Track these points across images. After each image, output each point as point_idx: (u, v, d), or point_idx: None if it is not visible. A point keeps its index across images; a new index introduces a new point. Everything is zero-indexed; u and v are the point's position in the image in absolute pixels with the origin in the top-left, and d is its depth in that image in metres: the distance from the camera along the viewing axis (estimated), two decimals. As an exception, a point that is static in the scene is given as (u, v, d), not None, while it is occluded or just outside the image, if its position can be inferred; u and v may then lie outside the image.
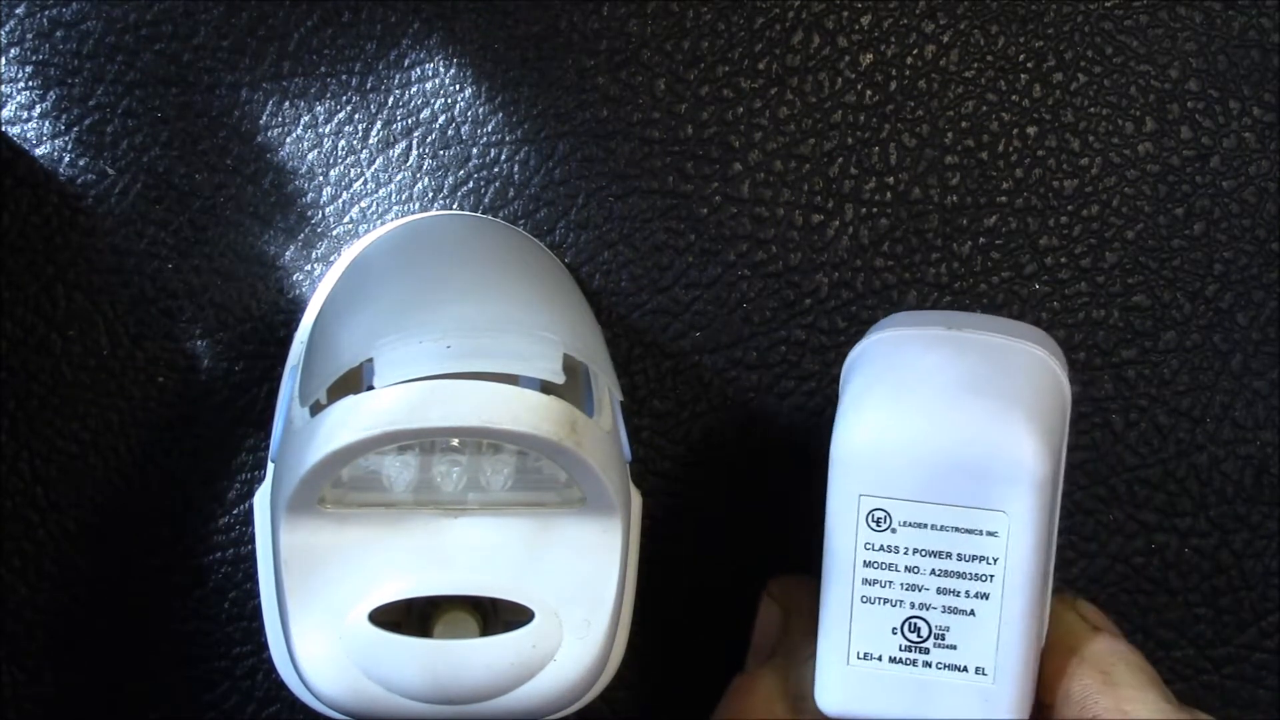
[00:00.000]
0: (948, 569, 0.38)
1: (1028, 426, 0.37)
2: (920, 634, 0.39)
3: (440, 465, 0.42)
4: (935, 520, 0.38)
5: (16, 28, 0.50)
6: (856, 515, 0.38)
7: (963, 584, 0.38)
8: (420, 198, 0.50)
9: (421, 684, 0.41)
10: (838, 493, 0.39)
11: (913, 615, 0.38)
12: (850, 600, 0.39)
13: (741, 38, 0.50)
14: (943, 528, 0.38)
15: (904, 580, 0.38)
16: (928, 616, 0.38)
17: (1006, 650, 0.38)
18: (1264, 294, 0.51)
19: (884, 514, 0.38)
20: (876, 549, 0.38)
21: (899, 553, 0.38)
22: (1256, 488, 0.51)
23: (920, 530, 0.38)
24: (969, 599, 0.38)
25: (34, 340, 0.50)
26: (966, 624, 0.38)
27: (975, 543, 0.38)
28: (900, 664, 0.39)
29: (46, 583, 0.50)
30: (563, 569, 0.41)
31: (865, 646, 0.39)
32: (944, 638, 0.38)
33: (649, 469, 0.51)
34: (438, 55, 0.50)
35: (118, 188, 0.50)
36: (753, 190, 0.50)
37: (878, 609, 0.39)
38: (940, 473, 0.37)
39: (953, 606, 0.38)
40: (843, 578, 0.39)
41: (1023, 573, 0.38)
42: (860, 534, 0.38)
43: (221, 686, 0.51)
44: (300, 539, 0.41)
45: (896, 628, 0.39)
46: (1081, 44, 0.50)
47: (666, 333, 0.51)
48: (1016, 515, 0.37)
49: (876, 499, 0.38)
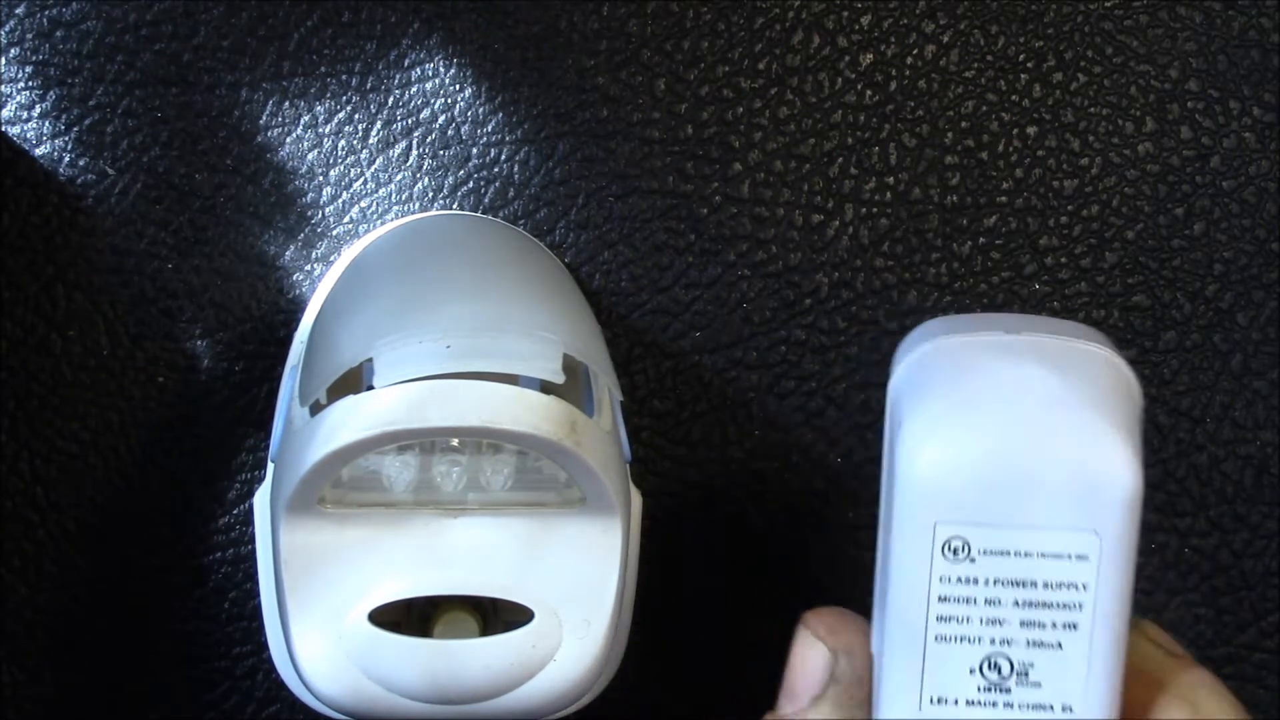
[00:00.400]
0: (1033, 599, 0.35)
1: (1118, 436, 0.34)
2: (1002, 672, 0.36)
3: (440, 465, 0.42)
4: (1019, 546, 0.34)
5: (16, 28, 0.50)
6: (930, 546, 0.35)
7: (1049, 614, 0.35)
8: (420, 198, 0.50)
9: (421, 684, 0.41)
10: (908, 523, 0.35)
11: (993, 652, 0.35)
12: (922, 640, 0.35)
13: (741, 38, 0.50)
14: (1027, 554, 0.34)
15: (984, 614, 0.35)
16: (1010, 652, 0.35)
17: (1095, 685, 0.35)
18: (1264, 294, 0.51)
19: (962, 543, 0.35)
20: (953, 582, 0.35)
21: (978, 584, 0.35)
22: (1256, 488, 0.51)
23: (1002, 558, 0.35)
24: (1055, 630, 0.35)
25: (34, 340, 0.50)
26: (1052, 658, 0.35)
27: (1063, 568, 0.35)
28: (979, 706, 0.35)
29: (46, 583, 0.50)
30: (562, 569, 0.41)
31: (940, 690, 0.36)
32: (1028, 675, 0.36)
33: (649, 469, 0.51)
34: (438, 55, 0.50)
35: (118, 188, 0.50)
36: (753, 190, 0.50)
37: (954, 648, 0.35)
38: (1025, 493, 0.34)
39: (1038, 640, 0.35)
40: (912, 616, 0.35)
41: (1114, 599, 0.35)
42: (935, 567, 0.35)
43: (221, 686, 0.51)
44: (300, 539, 0.41)
45: (975, 667, 0.35)
46: (1081, 44, 0.50)
47: (666, 333, 0.51)
48: (1109, 536, 0.34)
49: (954, 527, 0.34)
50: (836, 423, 0.51)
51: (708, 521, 0.51)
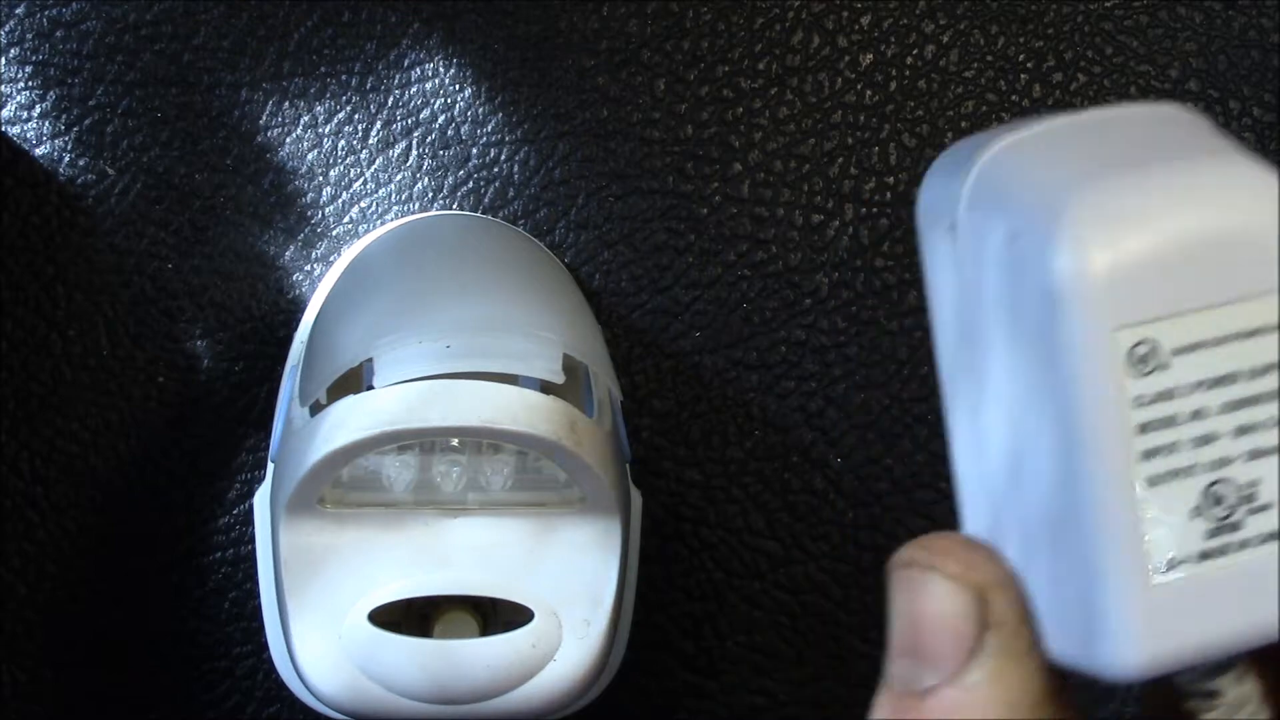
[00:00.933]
0: (1241, 396, 0.27)
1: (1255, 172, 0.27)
2: (1226, 503, 0.27)
3: (440, 465, 0.42)
4: (1212, 332, 0.27)
5: (16, 28, 0.50)
6: (1115, 360, 0.26)
7: (1263, 411, 0.27)
8: (420, 198, 0.50)
9: (421, 684, 0.41)
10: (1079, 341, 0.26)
11: (1214, 480, 0.27)
12: (1131, 489, 0.27)
13: (741, 38, 0.50)
14: (1223, 339, 0.27)
15: (1192, 433, 0.27)
16: (1230, 474, 0.27)
17: None
18: (1264, 294, 0.51)
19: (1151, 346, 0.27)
20: (1150, 400, 0.27)
21: (1178, 396, 0.27)
22: (1256, 488, 0.51)
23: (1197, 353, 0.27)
24: (1273, 429, 0.27)
25: (34, 340, 0.50)
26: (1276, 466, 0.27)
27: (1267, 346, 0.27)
28: (1210, 559, 0.27)
29: (46, 583, 0.50)
30: (562, 569, 0.41)
31: (1168, 549, 0.27)
32: (1253, 498, 0.27)
33: (649, 469, 0.51)
34: (438, 55, 0.50)
35: (118, 188, 0.50)
36: (753, 190, 0.50)
37: (1170, 489, 0.27)
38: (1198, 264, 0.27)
39: (1259, 449, 0.27)
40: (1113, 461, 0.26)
41: None
42: (1127, 386, 0.26)
43: (221, 686, 0.51)
44: (300, 539, 0.41)
45: (1197, 506, 0.27)
46: (1081, 44, 0.50)
47: (666, 333, 0.51)
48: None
49: (1137, 328, 0.26)
50: (836, 423, 0.51)
51: (708, 521, 0.51)
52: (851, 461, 0.51)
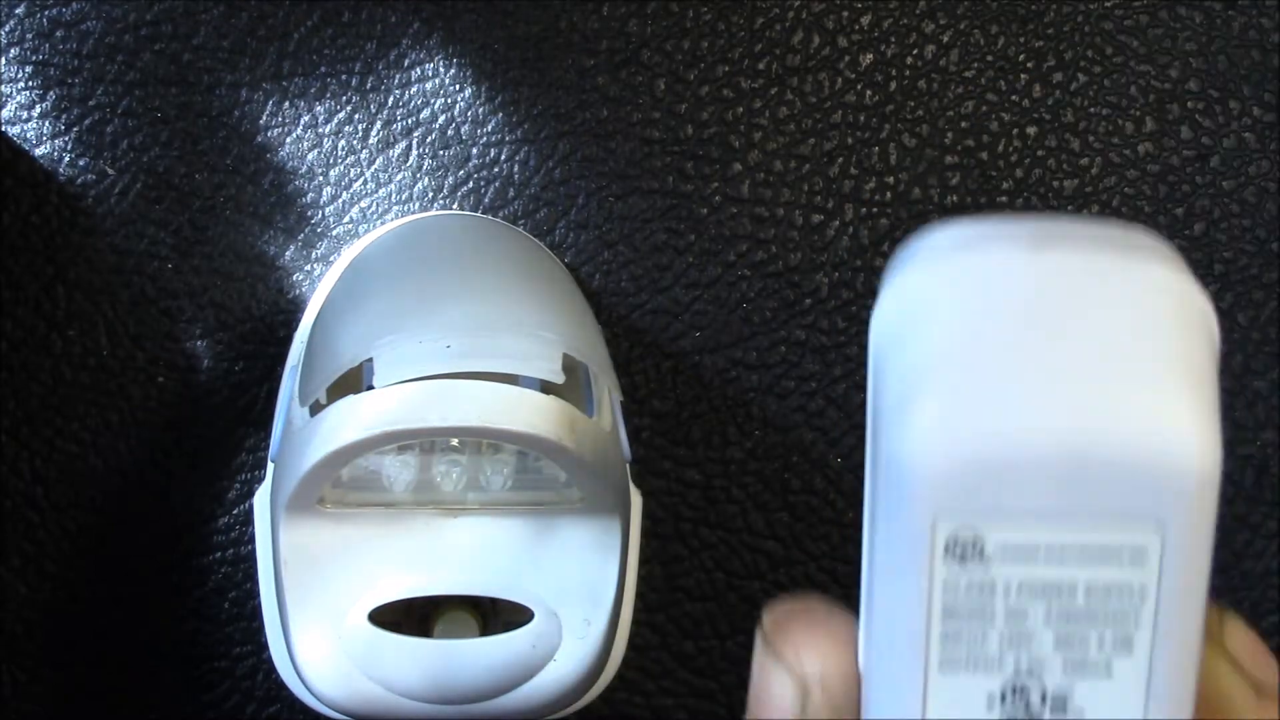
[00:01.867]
0: (1071, 610, 0.26)
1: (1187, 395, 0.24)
2: (1030, 705, 0.27)
3: (440, 465, 0.42)
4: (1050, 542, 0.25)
5: (16, 28, 0.50)
6: (929, 547, 0.25)
7: (1093, 630, 0.26)
8: (420, 198, 0.50)
9: (421, 684, 0.41)
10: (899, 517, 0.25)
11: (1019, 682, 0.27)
12: (922, 669, 0.26)
13: (741, 38, 0.50)
14: (1062, 554, 0.26)
15: (1006, 631, 0.26)
16: (1043, 680, 0.27)
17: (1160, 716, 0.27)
18: (1264, 294, 0.51)
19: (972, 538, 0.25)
20: (962, 591, 0.26)
21: (996, 593, 0.26)
22: (1256, 488, 0.51)
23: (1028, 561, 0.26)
24: (1103, 651, 0.26)
25: (34, 340, 0.50)
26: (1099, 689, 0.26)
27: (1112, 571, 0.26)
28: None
29: (46, 583, 0.50)
30: (562, 569, 0.41)
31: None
32: (1065, 706, 0.27)
33: (649, 469, 0.51)
34: (438, 55, 0.50)
35: (118, 188, 0.50)
36: (753, 190, 0.50)
37: (967, 675, 0.26)
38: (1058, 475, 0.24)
39: (1079, 662, 0.26)
40: (909, 637, 0.26)
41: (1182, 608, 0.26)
42: (936, 573, 0.26)
43: (221, 686, 0.51)
44: (300, 539, 0.41)
45: (995, 694, 0.27)
46: (1081, 44, 0.50)
47: (666, 333, 0.51)
48: (1176, 528, 0.25)
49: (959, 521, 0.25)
50: (836, 423, 0.51)
51: (708, 521, 0.51)
52: (851, 461, 0.51)
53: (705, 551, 0.51)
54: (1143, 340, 0.25)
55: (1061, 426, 0.24)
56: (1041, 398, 0.24)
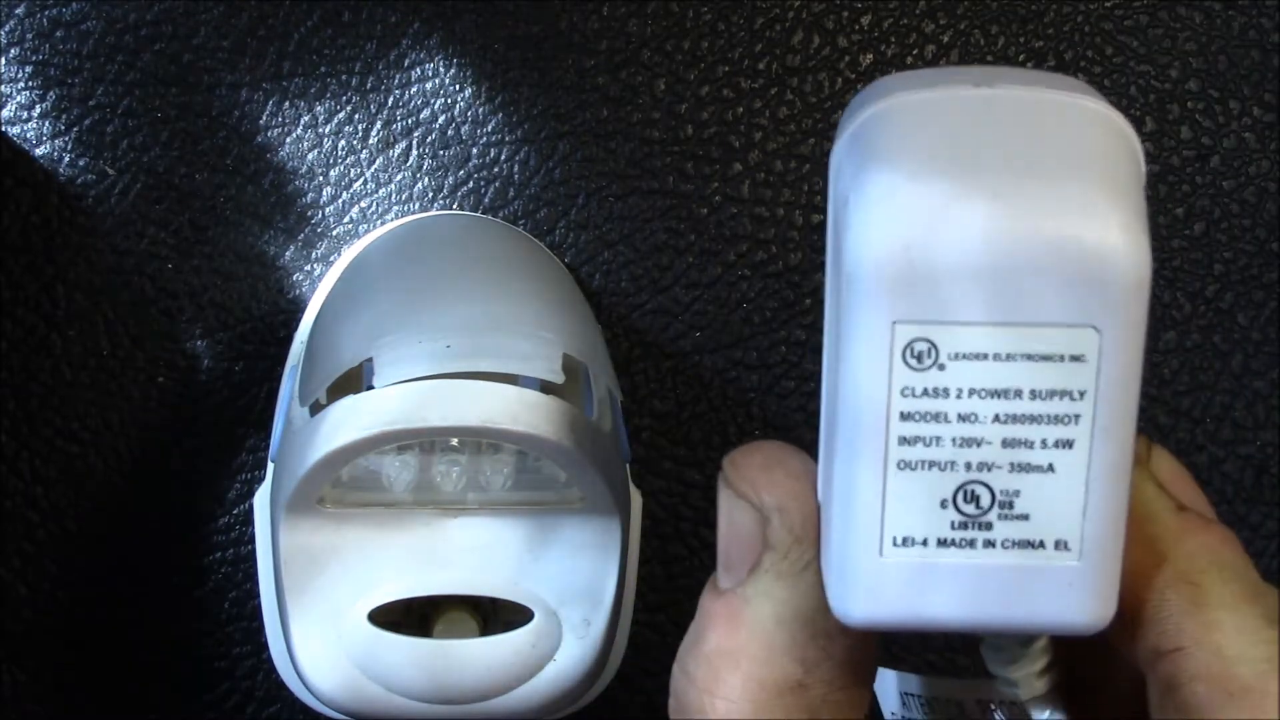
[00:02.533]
0: (1016, 412, 0.28)
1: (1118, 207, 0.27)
2: (980, 504, 0.29)
3: (440, 465, 0.42)
4: (999, 348, 0.28)
5: (16, 28, 0.50)
6: (889, 352, 0.28)
7: (1038, 430, 0.28)
8: (420, 198, 0.50)
9: (421, 684, 0.41)
10: (861, 324, 0.28)
11: (970, 480, 0.29)
12: (882, 469, 0.28)
13: (741, 38, 0.50)
14: (1009, 357, 0.28)
15: (957, 434, 0.28)
16: (990, 479, 0.29)
17: (1097, 516, 0.28)
18: (1264, 294, 0.51)
19: (927, 346, 0.28)
20: (918, 395, 0.28)
21: (949, 397, 0.28)
22: (1256, 488, 0.51)
23: (978, 363, 0.28)
24: (1047, 450, 0.28)
25: (34, 340, 0.50)
26: (1043, 484, 0.28)
27: (1055, 372, 0.28)
28: (953, 546, 0.29)
29: (46, 583, 0.50)
30: (562, 569, 0.41)
31: (905, 529, 0.29)
32: (1012, 505, 0.29)
33: (649, 469, 0.51)
34: (438, 55, 0.50)
35: (118, 188, 0.50)
36: (753, 190, 0.50)
37: (921, 476, 0.28)
38: (1005, 281, 0.27)
39: (1024, 463, 0.28)
40: (869, 440, 0.28)
41: (1120, 409, 0.28)
42: (895, 377, 0.28)
43: (221, 686, 0.51)
44: (300, 539, 0.41)
45: (947, 499, 0.29)
46: (1081, 44, 0.50)
47: (666, 333, 0.51)
48: (1111, 330, 0.27)
49: (917, 326, 0.27)
50: (836, 423, 0.51)
51: (708, 521, 0.51)
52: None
53: (705, 551, 0.51)
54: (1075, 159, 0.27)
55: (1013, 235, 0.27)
56: (997, 212, 0.27)
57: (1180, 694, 0.28)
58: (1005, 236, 0.27)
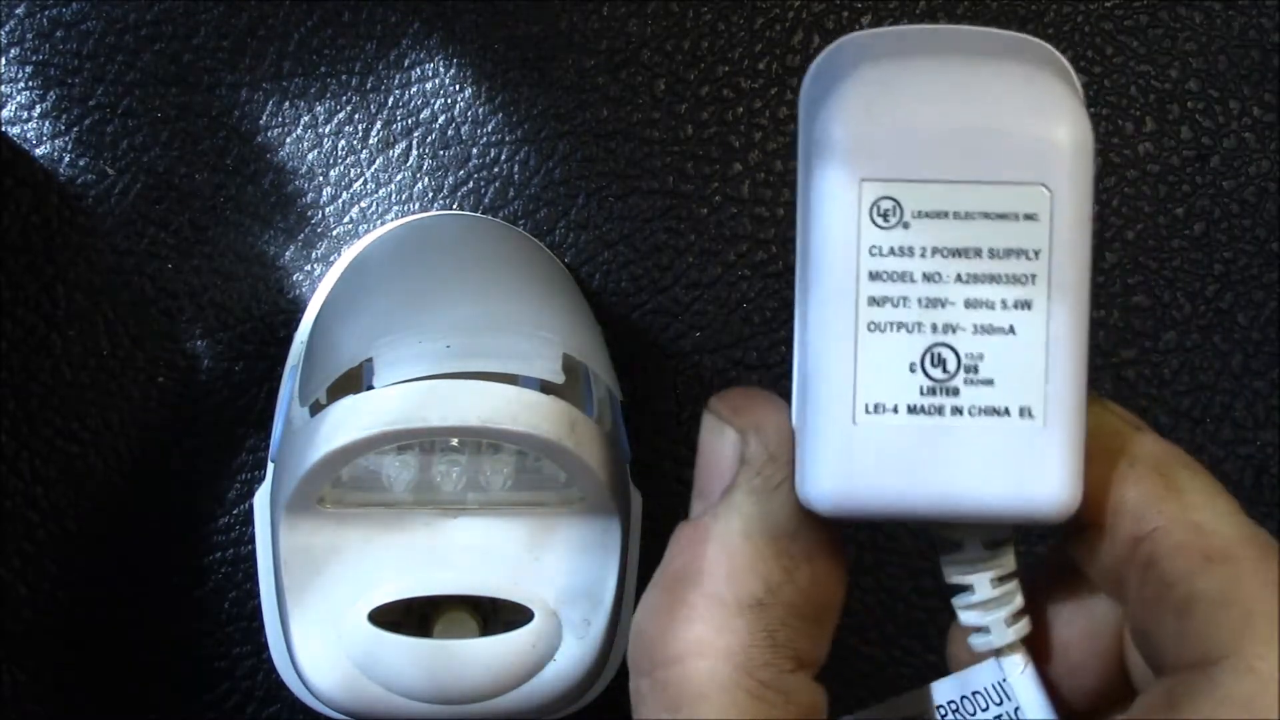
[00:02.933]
0: (977, 271, 0.29)
1: (1060, 82, 0.29)
2: (947, 367, 0.29)
3: (440, 465, 0.42)
4: (958, 206, 0.29)
5: (16, 28, 0.50)
6: (857, 209, 0.28)
7: (998, 291, 0.29)
8: (420, 198, 0.50)
9: (421, 684, 0.41)
10: (829, 182, 0.29)
11: (937, 343, 0.29)
12: (854, 330, 0.29)
13: (741, 38, 0.50)
14: (968, 215, 0.29)
15: (923, 294, 0.29)
16: (955, 342, 0.29)
17: (1059, 379, 0.29)
18: (1264, 294, 0.51)
19: (892, 204, 0.29)
20: (885, 253, 0.29)
21: (915, 255, 0.29)
22: (1256, 488, 0.51)
23: (940, 221, 0.29)
24: (1007, 311, 0.29)
25: (34, 340, 0.50)
26: (1005, 347, 0.29)
27: (1011, 230, 0.29)
28: (922, 414, 0.29)
29: (46, 583, 0.50)
30: (562, 569, 0.41)
31: (876, 394, 0.29)
32: (977, 370, 0.29)
33: (649, 469, 0.51)
34: (438, 55, 0.50)
35: (118, 188, 0.50)
36: (753, 190, 0.50)
37: (890, 338, 0.29)
38: (960, 142, 0.28)
39: (987, 324, 0.29)
40: (841, 300, 0.29)
41: (1073, 267, 0.29)
42: (863, 235, 0.29)
43: (221, 686, 0.51)
44: (300, 539, 0.41)
45: (915, 362, 0.29)
46: (1081, 44, 0.50)
47: (666, 333, 0.51)
48: (1061, 188, 0.28)
49: (882, 184, 0.28)
50: (836, 423, 0.50)
51: (708, 521, 0.51)
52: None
53: (705, 551, 0.51)
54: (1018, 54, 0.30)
55: (965, 100, 0.29)
56: (945, 84, 0.29)
57: (1159, 568, 0.29)
58: (961, 99, 0.29)
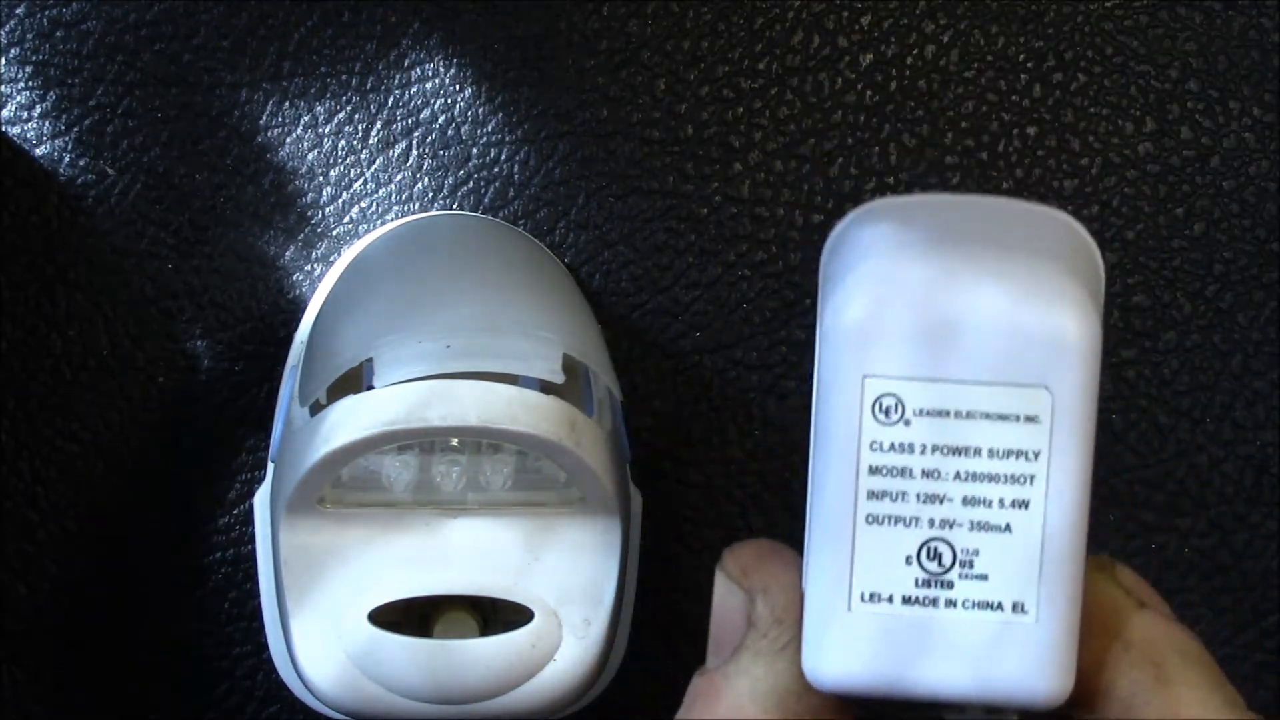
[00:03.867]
0: (976, 470, 0.30)
1: (1070, 281, 0.29)
2: (943, 561, 0.30)
3: (440, 465, 0.42)
4: (959, 405, 0.29)
5: (16, 28, 0.50)
6: (859, 405, 0.29)
7: (996, 489, 0.30)
8: (420, 198, 0.50)
9: (421, 684, 0.41)
10: (833, 378, 0.30)
11: (933, 537, 0.30)
12: (852, 522, 0.30)
13: (741, 38, 0.50)
14: (969, 415, 0.29)
15: (922, 489, 0.30)
16: (952, 537, 0.30)
17: (1053, 578, 0.30)
18: (1264, 294, 0.51)
19: (894, 401, 0.30)
20: (885, 449, 0.30)
21: (914, 452, 0.30)
22: (1256, 488, 0.51)
23: (940, 420, 0.29)
24: (1004, 509, 0.30)
25: (34, 340, 0.50)
26: (1001, 544, 0.30)
27: (1011, 432, 0.29)
28: (917, 605, 0.30)
29: (46, 583, 0.50)
30: (562, 569, 0.41)
31: (873, 584, 0.30)
32: (972, 565, 0.30)
33: (649, 469, 0.51)
34: (438, 55, 0.50)
35: (118, 188, 0.50)
36: (753, 190, 0.50)
37: (888, 531, 0.30)
38: (964, 343, 0.29)
39: (983, 521, 0.30)
40: (841, 492, 0.30)
41: (1072, 470, 0.29)
42: (864, 430, 0.30)
43: (221, 686, 0.51)
44: (300, 539, 0.41)
45: (912, 555, 0.30)
46: (1081, 44, 0.50)
47: (666, 333, 0.51)
48: (1063, 392, 0.29)
49: (884, 381, 0.29)
50: (836, 423, 0.51)
51: (708, 521, 0.51)
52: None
53: (705, 552, 0.51)
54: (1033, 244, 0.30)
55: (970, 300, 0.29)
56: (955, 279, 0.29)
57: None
58: (966, 301, 0.29)
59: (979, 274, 0.29)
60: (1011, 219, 0.31)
